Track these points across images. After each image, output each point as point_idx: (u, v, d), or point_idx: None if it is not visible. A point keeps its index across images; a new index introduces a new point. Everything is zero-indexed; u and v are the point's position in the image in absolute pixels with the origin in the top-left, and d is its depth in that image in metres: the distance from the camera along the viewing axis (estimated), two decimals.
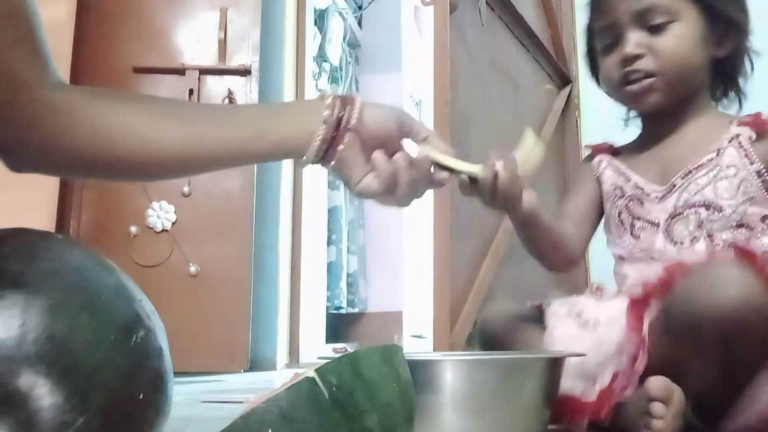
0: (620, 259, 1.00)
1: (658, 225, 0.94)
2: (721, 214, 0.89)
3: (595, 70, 1.07)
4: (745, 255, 0.76)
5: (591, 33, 1.05)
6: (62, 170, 0.67)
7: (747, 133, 0.91)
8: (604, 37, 1.00)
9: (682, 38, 0.93)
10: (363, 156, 0.67)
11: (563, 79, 2.57)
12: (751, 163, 0.90)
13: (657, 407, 0.72)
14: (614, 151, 1.06)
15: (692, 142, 0.96)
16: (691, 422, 0.80)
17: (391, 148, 0.67)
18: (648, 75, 0.94)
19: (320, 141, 0.64)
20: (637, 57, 0.94)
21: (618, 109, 1.08)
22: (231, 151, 0.64)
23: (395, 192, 0.68)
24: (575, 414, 0.79)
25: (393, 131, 0.67)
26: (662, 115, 0.98)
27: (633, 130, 1.08)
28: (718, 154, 0.92)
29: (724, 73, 1.00)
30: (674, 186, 0.94)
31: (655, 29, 0.94)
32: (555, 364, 0.73)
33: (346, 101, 0.66)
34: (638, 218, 0.97)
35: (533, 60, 2.34)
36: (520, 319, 0.98)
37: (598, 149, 1.08)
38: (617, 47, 0.97)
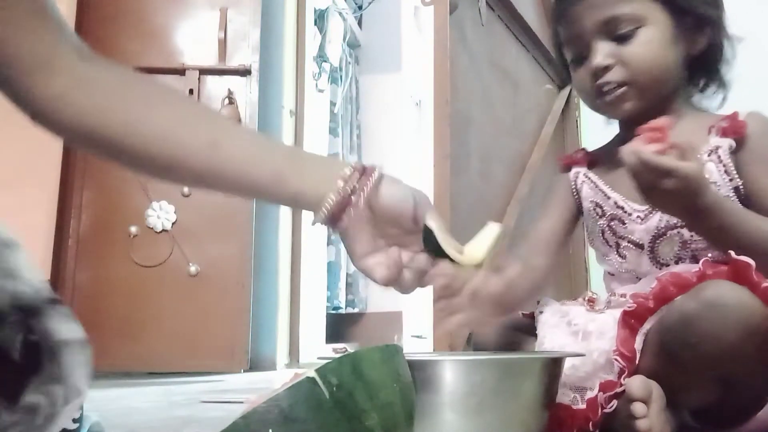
0: (609, 275, 0.98)
1: (642, 247, 0.91)
2: None
3: (569, 75, 1.04)
4: (740, 268, 0.74)
5: (559, 42, 1.02)
6: (82, 143, 0.63)
7: (726, 144, 0.88)
8: (572, 47, 0.98)
9: (650, 43, 0.91)
10: (371, 231, 0.65)
11: (563, 79, 2.57)
12: (731, 180, 0.87)
13: (638, 407, 0.71)
14: (590, 160, 1.03)
15: None
16: (688, 424, 0.80)
17: (404, 227, 0.66)
18: (620, 85, 0.92)
19: (327, 210, 0.62)
20: (606, 68, 0.92)
21: None
22: (248, 189, 0.63)
23: (398, 283, 0.67)
24: (565, 422, 0.79)
25: (408, 212, 0.65)
26: (640, 119, 0.93)
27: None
28: None
29: (703, 68, 0.97)
30: None
31: (623, 38, 0.91)
32: (554, 365, 0.73)
33: (365, 174, 0.63)
34: (622, 238, 0.94)
35: (533, 60, 2.34)
36: (512, 328, 0.97)
37: (572, 160, 1.05)
38: (586, 58, 0.94)
